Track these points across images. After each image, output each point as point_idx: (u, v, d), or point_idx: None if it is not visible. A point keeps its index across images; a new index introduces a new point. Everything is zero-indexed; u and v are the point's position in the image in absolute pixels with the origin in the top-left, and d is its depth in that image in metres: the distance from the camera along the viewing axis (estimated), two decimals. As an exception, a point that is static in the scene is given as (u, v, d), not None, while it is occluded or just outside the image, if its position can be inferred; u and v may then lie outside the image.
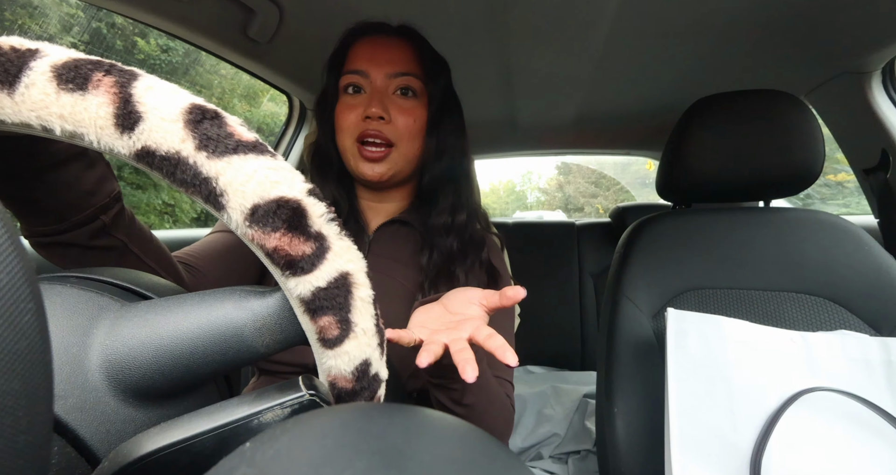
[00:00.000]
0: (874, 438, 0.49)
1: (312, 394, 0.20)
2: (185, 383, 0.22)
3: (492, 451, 0.16)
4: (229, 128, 0.20)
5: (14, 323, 0.12)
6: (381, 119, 0.55)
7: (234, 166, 0.20)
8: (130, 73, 0.20)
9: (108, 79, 0.19)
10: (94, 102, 0.19)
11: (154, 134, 0.19)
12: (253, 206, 0.20)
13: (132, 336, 0.21)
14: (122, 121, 0.19)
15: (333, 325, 0.22)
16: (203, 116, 0.20)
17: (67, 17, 1.44)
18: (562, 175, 14.64)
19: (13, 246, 0.13)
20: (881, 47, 0.79)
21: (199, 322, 0.22)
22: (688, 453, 0.52)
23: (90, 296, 0.23)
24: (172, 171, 0.20)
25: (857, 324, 0.63)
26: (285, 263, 0.21)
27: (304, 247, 0.21)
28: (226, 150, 0.20)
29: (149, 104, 0.19)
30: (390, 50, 0.58)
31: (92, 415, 0.20)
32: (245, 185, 0.20)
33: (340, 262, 0.22)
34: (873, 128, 0.89)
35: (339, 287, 0.22)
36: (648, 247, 0.74)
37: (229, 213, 0.20)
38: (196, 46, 0.84)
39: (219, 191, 0.20)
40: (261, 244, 0.20)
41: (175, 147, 0.19)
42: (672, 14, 0.77)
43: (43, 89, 0.19)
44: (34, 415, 0.13)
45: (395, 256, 0.60)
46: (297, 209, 0.20)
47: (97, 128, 0.19)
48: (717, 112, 0.73)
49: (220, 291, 0.23)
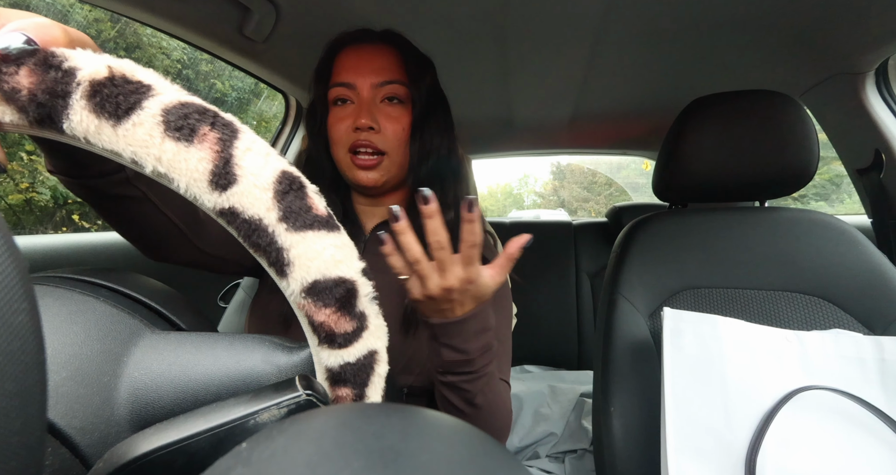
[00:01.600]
0: (868, 436, 0.50)
1: (309, 394, 0.20)
2: None
3: (489, 451, 0.16)
4: (309, 200, 0.21)
5: (7, 323, 0.12)
6: (371, 129, 0.56)
7: (308, 242, 0.21)
8: (232, 129, 0.20)
9: (213, 134, 0.20)
10: (195, 156, 0.19)
11: (244, 198, 0.20)
12: (314, 281, 0.21)
13: (161, 373, 0.22)
14: (217, 178, 0.20)
15: (349, 397, 0.23)
16: (290, 187, 0.21)
17: (166, 65, 1.52)
18: (556, 180, 14.99)
19: (6, 246, 0.13)
20: (875, 48, 0.79)
21: (227, 370, 0.23)
22: (683, 451, 0.53)
23: (122, 317, 0.23)
24: (249, 234, 0.20)
25: (851, 323, 0.63)
26: (326, 337, 0.22)
27: (347, 326, 0.22)
28: (304, 225, 0.21)
29: (246, 168, 0.20)
30: (374, 59, 0.58)
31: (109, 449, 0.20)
32: (312, 260, 0.21)
33: (372, 340, 0.23)
34: (867, 128, 0.89)
35: (366, 364, 0.23)
36: (645, 247, 0.74)
37: (289, 282, 0.21)
38: (192, 45, 0.84)
39: (287, 261, 0.20)
40: (310, 315, 0.21)
41: (260, 214, 0.20)
42: (666, 15, 0.78)
43: (149, 131, 0.19)
44: (27, 417, 0.13)
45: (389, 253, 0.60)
46: (351, 290, 0.22)
47: (191, 179, 0.20)
48: (712, 112, 0.73)
49: (250, 339, 0.24)
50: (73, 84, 0.19)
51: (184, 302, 0.28)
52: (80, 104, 0.19)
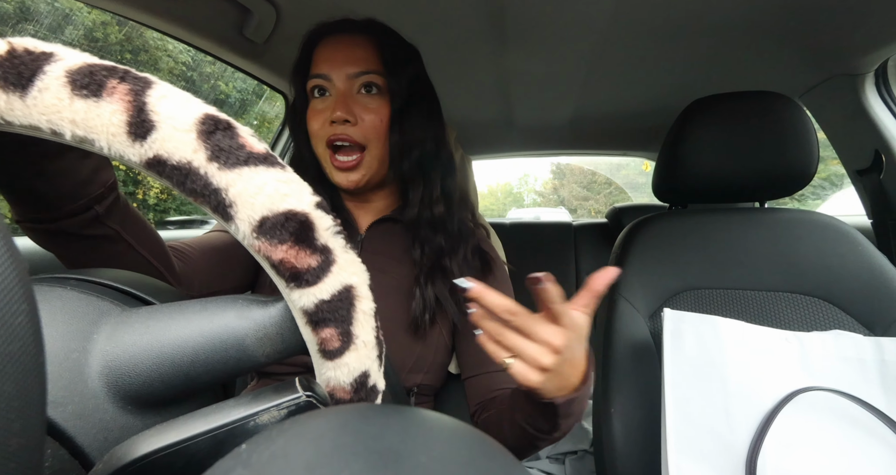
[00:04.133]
0: (868, 437, 0.50)
1: (309, 396, 0.20)
2: (184, 391, 0.22)
3: (489, 452, 0.16)
4: (241, 139, 0.20)
5: (7, 324, 0.12)
6: (347, 122, 0.55)
7: (245, 178, 0.20)
8: (145, 80, 0.20)
9: (123, 86, 0.19)
10: (107, 109, 0.19)
11: (167, 143, 0.19)
12: (262, 218, 0.20)
13: (133, 343, 0.21)
14: (135, 129, 0.19)
15: (335, 338, 0.22)
16: (216, 127, 0.20)
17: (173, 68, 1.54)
18: (556, 179, 15.09)
19: (6, 247, 0.13)
20: (874, 49, 0.79)
21: (201, 330, 0.22)
22: (684, 453, 0.53)
23: (91, 299, 0.22)
24: (182, 181, 0.20)
25: (851, 324, 0.63)
26: (290, 275, 0.21)
27: (310, 260, 0.21)
28: (237, 162, 0.20)
29: (163, 113, 0.19)
30: (350, 49, 0.57)
31: (91, 423, 0.20)
32: (255, 197, 0.20)
33: (345, 275, 0.22)
34: (866, 129, 0.89)
35: (343, 300, 0.22)
36: (645, 248, 0.74)
37: (237, 224, 0.20)
38: (192, 46, 0.84)
39: (228, 202, 0.20)
40: (267, 256, 0.20)
41: (187, 157, 0.19)
42: (666, 16, 0.78)
43: (56, 94, 0.19)
44: (27, 418, 0.13)
45: (388, 253, 0.60)
46: (304, 222, 0.21)
47: (109, 135, 0.19)
48: (712, 113, 0.73)
49: (223, 299, 0.23)
50: None
51: (159, 285, 0.27)
52: None
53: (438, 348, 0.58)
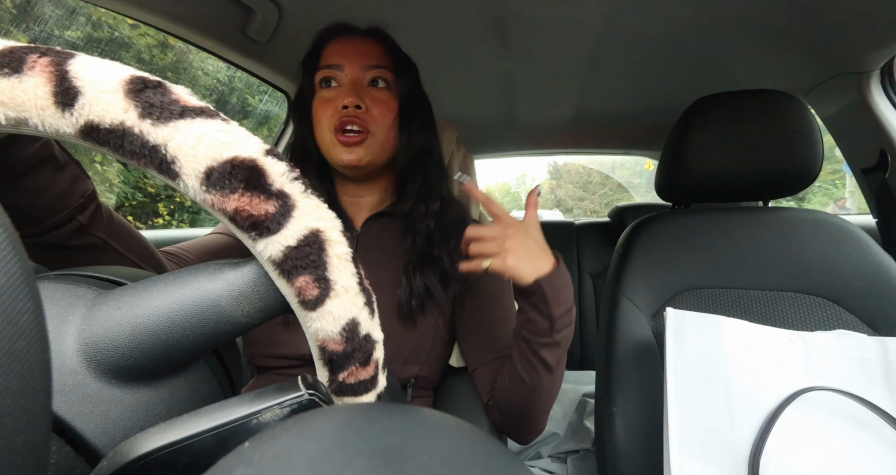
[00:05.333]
0: (872, 437, 0.49)
1: (312, 394, 0.20)
2: (169, 360, 0.21)
3: (491, 450, 0.16)
4: (173, 95, 0.20)
5: (12, 322, 0.12)
6: (358, 108, 0.56)
7: (182, 131, 0.19)
8: (67, 53, 0.19)
9: (44, 59, 0.19)
10: (30, 83, 0.18)
11: (95, 107, 0.19)
12: (207, 169, 0.19)
13: (108, 318, 0.21)
14: (61, 98, 0.19)
15: (311, 285, 0.21)
16: (144, 86, 0.19)
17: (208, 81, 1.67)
18: (553, 179, 15.24)
19: (12, 246, 0.13)
20: (879, 47, 0.79)
21: (174, 297, 0.21)
22: (686, 452, 0.53)
23: (66, 287, 0.22)
24: (120, 144, 0.19)
25: (856, 324, 0.63)
26: (249, 225, 0.20)
27: (267, 207, 0.20)
28: (171, 116, 0.19)
29: (86, 78, 0.19)
30: (362, 45, 0.60)
31: (72, 398, 0.20)
32: (195, 148, 0.19)
33: (309, 220, 0.21)
34: (871, 128, 0.89)
35: (311, 245, 0.21)
36: (647, 247, 0.74)
37: (184, 180, 0.19)
38: (195, 46, 0.84)
39: (169, 158, 0.19)
40: (221, 208, 0.20)
41: (118, 118, 0.19)
42: (669, 14, 0.77)
43: None
44: (32, 415, 0.13)
45: (383, 247, 0.61)
46: (253, 168, 0.20)
47: (38, 109, 0.19)
48: (716, 112, 0.73)
49: (194, 267, 0.23)
50: None
51: (139, 274, 0.27)
52: None
53: (435, 339, 0.59)
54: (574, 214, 12.64)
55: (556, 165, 15.45)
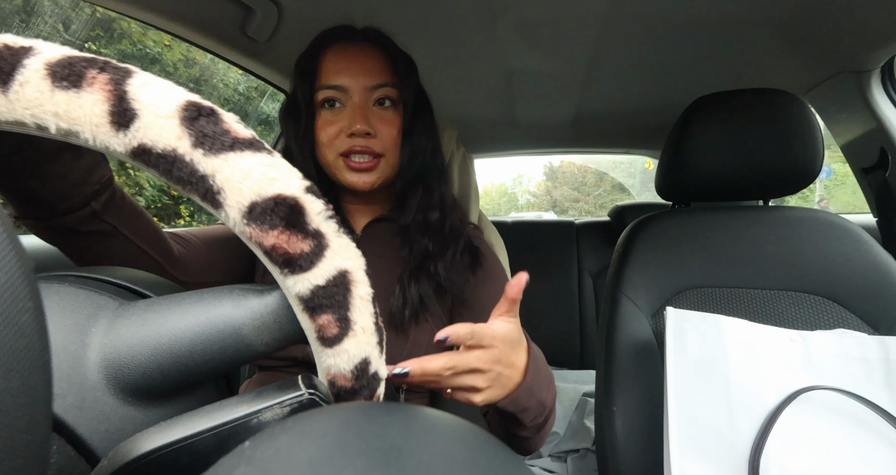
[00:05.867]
0: (872, 437, 0.49)
1: (312, 393, 0.20)
2: (183, 382, 0.22)
3: (491, 450, 0.16)
4: (225, 125, 0.20)
5: (12, 322, 0.12)
6: (367, 135, 0.55)
7: (231, 163, 0.20)
8: (125, 70, 0.20)
9: (103, 76, 0.19)
10: (88, 100, 0.19)
11: (150, 131, 0.19)
12: (250, 203, 0.20)
13: (131, 334, 0.21)
14: (117, 118, 0.19)
15: (332, 324, 0.21)
16: (199, 113, 0.20)
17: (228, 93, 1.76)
18: (549, 180, 15.42)
19: (12, 245, 0.13)
20: (880, 46, 0.79)
21: (197, 320, 0.22)
22: (686, 451, 0.53)
23: (88, 294, 0.22)
24: (169, 169, 0.19)
25: (856, 323, 0.63)
26: (283, 261, 0.20)
27: (303, 245, 0.21)
28: (222, 147, 0.20)
29: (144, 101, 0.19)
30: (364, 60, 0.57)
31: (91, 414, 0.20)
32: (242, 182, 0.20)
33: (339, 260, 0.22)
34: (872, 126, 0.89)
35: (338, 285, 0.21)
36: (648, 246, 0.74)
37: (227, 211, 0.20)
38: (194, 45, 0.84)
39: (216, 188, 0.20)
40: (259, 242, 0.20)
41: (171, 144, 0.19)
42: (669, 12, 0.77)
43: (37, 87, 0.18)
44: (33, 415, 0.13)
45: (382, 252, 0.60)
46: (294, 206, 0.20)
47: (92, 125, 0.19)
48: (716, 111, 0.73)
49: (219, 290, 0.23)
50: None
51: (157, 280, 0.27)
52: None
53: (429, 347, 0.58)
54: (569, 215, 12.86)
55: (552, 167, 15.63)
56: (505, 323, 0.39)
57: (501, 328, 0.38)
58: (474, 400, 0.38)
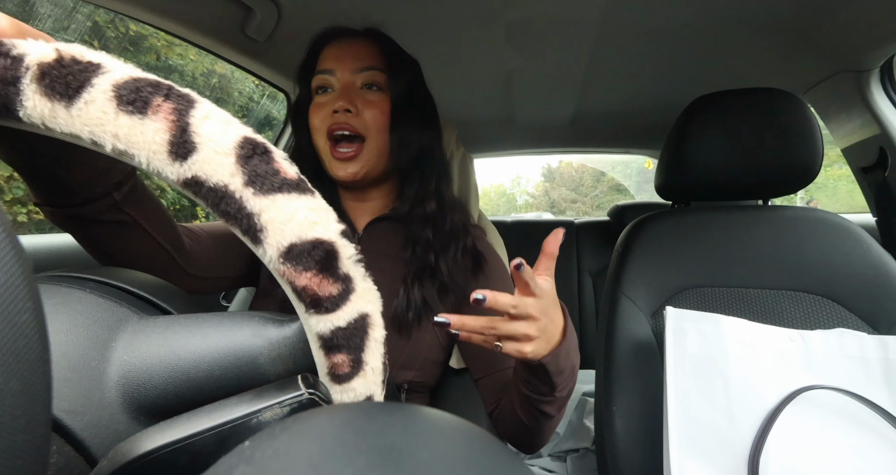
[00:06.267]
0: (872, 436, 0.49)
1: (312, 393, 0.20)
2: (195, 404, 0.22)
3: (491, 450, 0.16)
4: (276, 164, 0.21)
5: (12, 322, 0.12)
6: (349, 112, 0.56)
7: (278, 205, 0.20)
8: (188, 99, 0.20)
9: (167, 105, 0.19)
10: (151, 128, 0.19)
11: (206, 165, 0.20)
12: (290, 244, 0.20)
13: (150, 354, 0.22)
14: (176, 148, 0.19)
15: (346, 363, 0.22)
16: (254, 152, 0.20)
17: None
18: (547, 181, 15.59)
19: (11, 245, 0.13)
20: (879, 45, 0.79)
21: (217, 346, 0.22)
22: (686, 451, 0.53)
23: (109, 305, 0.23)
24: (217, 203, 0.20)
25: (855, 323, 0.63)
26: (311, 302, 0.21)
27: (332, 289, 0.21)
28: (271, 188, 0.20)
29: (204, 135, 0.20)
30: (355, 48, 0.59)
31: (105, 433, 0.20)
32: (286, 224, 0.20)
33: (362, 304, 0.22)
34: (871, 126, 0.89)
35: (358, 328, 0.22)
36: (647, 246, 0.74)
37: (265, 249, 0.20)
38: (194, 45, 0.84)
39: (259, 226, 0.20)
40: (291, 281, 0.21)
41: (224, 180, 0.20)
42: (669, 12, 0.77)
43: (102, 108, 0.19)
44: (32, 415, 0.13)
45: (384, 251, 0.60)
46: (330, 251, 0.21)
47: (150, 152, 0.19)
48: (715, 110, 0.73)
49: (239, 316, 0.24)
50: (22, 69, 0.19)
51: (173, 290, 0.27)
52: (31, 88, 0.18)
53: (431, 347, 0.59)
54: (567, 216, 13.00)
55: (550, 168, 15.77)
56: (546, 280, 0.40)
57: (546, 282, 0.40)
58: (525, 350, 0.39)
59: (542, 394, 0.46)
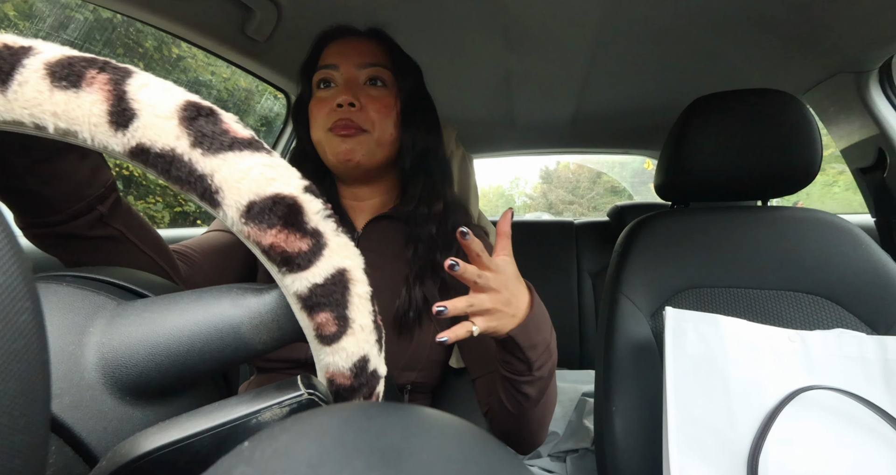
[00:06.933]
0: (871, 436, 0.49)
1: (311, 393, 0.20)
2: (182, 381, 0.22)
3: (490, 450, 0.16)
4: (224, 125, 0.20)
5: (11, 322, 0.12)
6: (353, 106, 0.56)
7: (230, 163, 0.20)
8: (125, 70, 0.20)
9: (102, 76, 0.19)
10: (87, 100, 0.19)
11: (148, 131, 0.19)
12: (249, 202, 0.20)
13: (129, 334, 0.21)
14: (116, 118, 0.19)
15: (331, 322, 0.22)
16: (198, 113, 0.20)
17: None
18: (545, 183, 15.76)
19: (10, 245, 0.13)
20: (878, 46, 0.79)
21: (195, 319, 0.22)
22: (686, 451, 0.53)
23: (86, 294, 0.22)
24: (167, 169, 0.19)
25: (854, 323, 0.63)
26: (282, 260, 0.21)
27: (301, 244, 0.21)
28: (221, 147, 0.20)
29: (143, 101, 0.19)
30: (359, 45, 0.59)
31: (89, 414, 0.20)
32: (241, 181, 0.20)
33: (337, 259, 0.22)
34: (870, 127, 0.89)
35: (336, 283, 0.21)
36: (647, 246, 0.74)
37: (225, 211, 0.20)
38: (194, 45, 0.84)
39: (214, 188, 0.20)
40: (257, 241, 0.20)
41: (170, 144, 0.19)
42: (668, 13, 0.77)
43: (36, 87, 0.18)
44: (31, 415, 0.13)
45: (383, 250, 0.60)
46: (293, 206, 0.20)
47: (91, 125, 0.19)
48: (715, 111, 0.73)
49: (217, 289, 0.23)
50: None
51: (157, 281, 0.27)
52: None
53: (433, 347, 0.58)
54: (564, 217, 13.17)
55: (548, 170, 15.90)
56: (505, 259, 0.42)
57: (503, 261, 0.42)
58: (492, 324, 0.41)
59: (521, 373, 0.47)
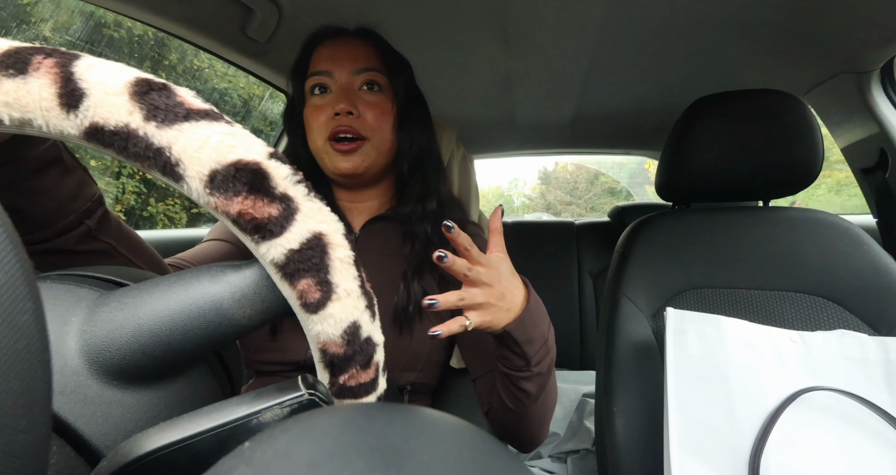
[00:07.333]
0: (872, 437, 0.49)
1: (312, 394, 0.20)
2: (170, 362, 0.21)
3: (491, 451, 0.16)
4: (178, 97, 0.20)
5: (12, 322, 0.12)
6: (350, 114, 0.56)
7: (186, 133, 0.19)
8: (72, 54, 0.19)
9: (49, 60, 0.19)
10: (36, 85, 0.18)
11: (100, 109, 0.19)
12: (211, 171, 0.19)
13: (110, 319, 0.21)
14: (66, 99, 0.19)
15: (313, 288, 0.21)
16: (150, 88, 0.19)
17: None
18: (543, 184, 15.88)
19: (12, 245, 0.13)
20: (880, 46, 0.79)
21: (176, 299, 0.22)
22: (687, 452, 0.53)
23: (69, 287, 0.22)
24: (124, 146, 0.19)
25: (856, 324, 0.63)
26: (253, 227, 0.20)
27: (270, 210, 0.20)
28: (176, 118, 0.19)
29: (92, 80, 0.19)
30: (352, 49, 0.59)
31: (74, 399, 0.20)
32: (200, 151, 0.19)
33: (312, 223, 0.21)
34: (872, 127, 0.89)
35: (314, 248, 0.21)
36: (648, 247, 0.74)
37: (188, 183, 0.20)
38: (195, 46, 0.84)
39: (174, 160, 0.19)
40: (225, 211, 0.20)
41: (123, 120, 0.19)
42: (668, 13, 0.77)
43: None
44: (33, 415, 0.13)
45: (381, 251, 0.60)
46: (257, 171, 0.20)
47: (43, 110, 0.19)
48: (716, 112, 0.73)
49: (197, 269, 0.23)
50: None
51: (143, 273, 0.27)
52: None
53: (433, 346, 0.58)
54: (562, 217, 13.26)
55: (546, 171, 15.98)
56: (497, 256, 0.42)
57: (496, 257, 0.42)
58: (486, 318, 0.41)
59: (519, 368, 0.46)
